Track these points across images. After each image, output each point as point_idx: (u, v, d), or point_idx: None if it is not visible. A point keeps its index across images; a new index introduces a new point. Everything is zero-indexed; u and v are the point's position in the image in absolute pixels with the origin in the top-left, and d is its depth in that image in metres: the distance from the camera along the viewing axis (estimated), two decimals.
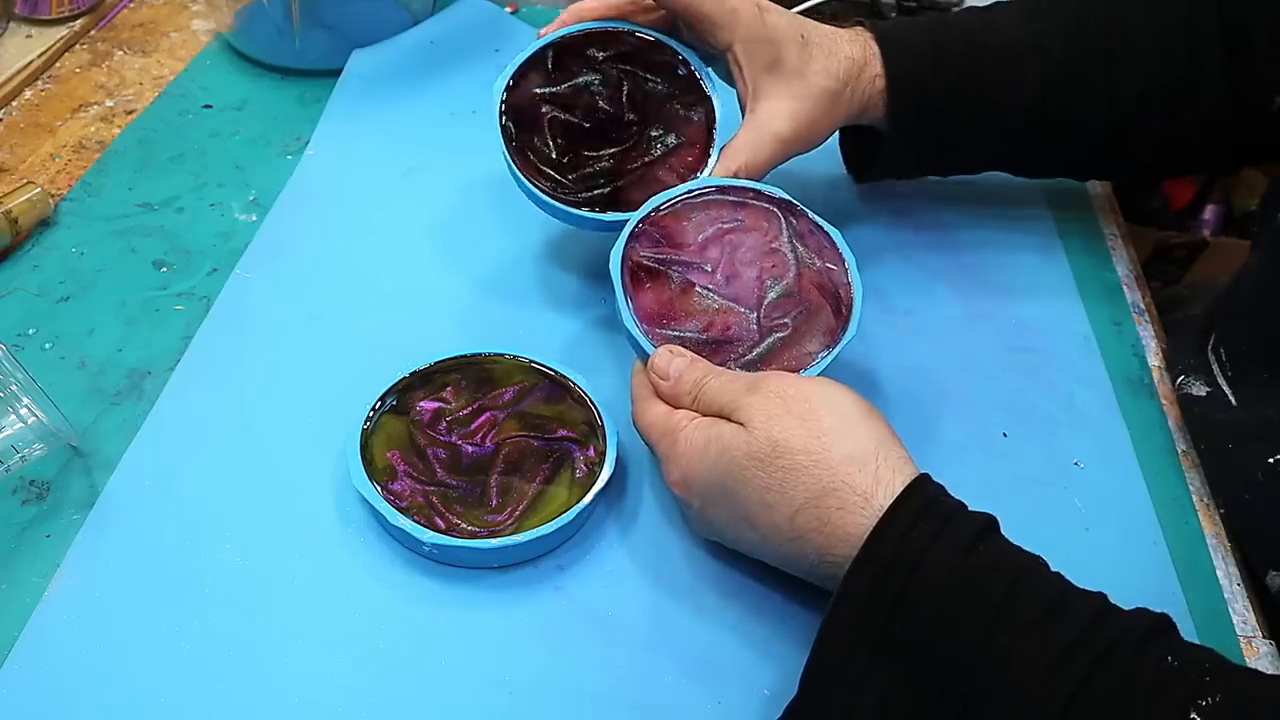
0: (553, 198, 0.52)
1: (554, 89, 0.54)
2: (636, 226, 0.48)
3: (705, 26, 0.52)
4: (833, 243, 0.50)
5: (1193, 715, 0.32)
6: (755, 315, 0.47)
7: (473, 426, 0.47)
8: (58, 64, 0.72)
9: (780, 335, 0.47)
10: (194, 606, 0.42)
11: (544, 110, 0.54)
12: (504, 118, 0.53)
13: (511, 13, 0.79)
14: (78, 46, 0.74)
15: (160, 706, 0.39)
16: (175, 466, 0.47)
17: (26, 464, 0.45)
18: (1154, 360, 0.57)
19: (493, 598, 0.43)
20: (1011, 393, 0.54)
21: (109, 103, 0.69)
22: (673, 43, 0.55)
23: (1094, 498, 0.49)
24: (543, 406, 0.48)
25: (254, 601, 0.42)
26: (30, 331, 0.53)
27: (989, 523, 0.38)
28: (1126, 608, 0.35)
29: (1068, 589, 0.36)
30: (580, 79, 0.54)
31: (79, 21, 0.74)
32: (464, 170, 0.63)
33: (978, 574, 0.36)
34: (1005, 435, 0.51)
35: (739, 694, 0.41)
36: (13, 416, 0.43)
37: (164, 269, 0.57)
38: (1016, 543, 0.38)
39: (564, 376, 0.49)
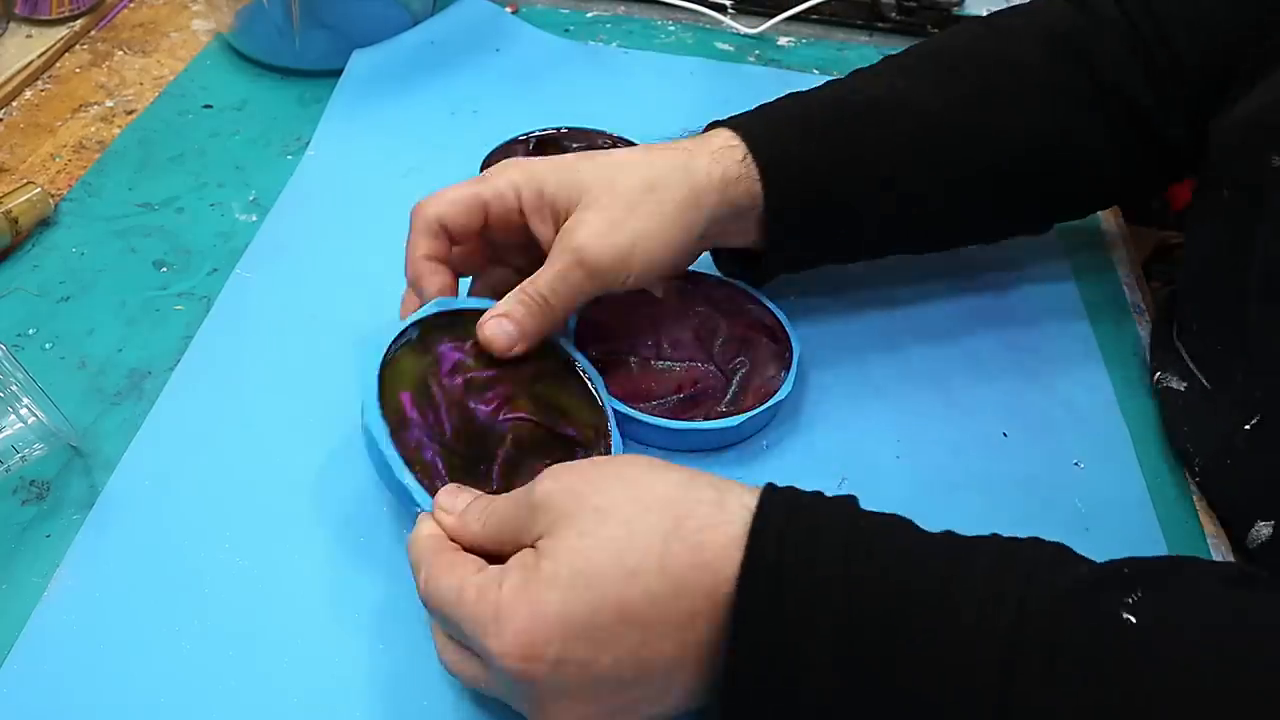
0: None
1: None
2: (574, 327, 0.51)
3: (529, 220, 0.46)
4: (738, 288, 0.54)
5: (1124, 615, 0.30)
6: (713, 365, 0.50)
7: (488, 395, 0.45)
8: (58, 64, 0.72)
9: (742, 371, 0.50)
10: (194, 606, 0.42)
11: None
12: (482, 170, 0.61)
13: (512, 13, 0.79)
14: (78, 46, 0.74)
15: (160, 706, 0.39)
16: (175, 466, 0.47)
17: (26, 464, 0.45)
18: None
19: None
20: (1011, 393, 0.54)
21: (109, 103, 0.69)
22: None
23: (1094, 498, 0.49)
24: (559, 393, 0.47)
25: (254, 601, 0.42)
26: (30, 331, 0.53)
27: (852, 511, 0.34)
28: None
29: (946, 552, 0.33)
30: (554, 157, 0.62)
31: (79, 21, 0.74)
32: (465, 170, 0.63)
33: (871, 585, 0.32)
34: (1005, 435, 0.51)
35: None
36: (13, 416, 0.43)
37: (164, 269, 0.57)
38: None
39: (583, 371, 0.48)
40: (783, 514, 0.33)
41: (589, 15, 0.82)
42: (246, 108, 0.69)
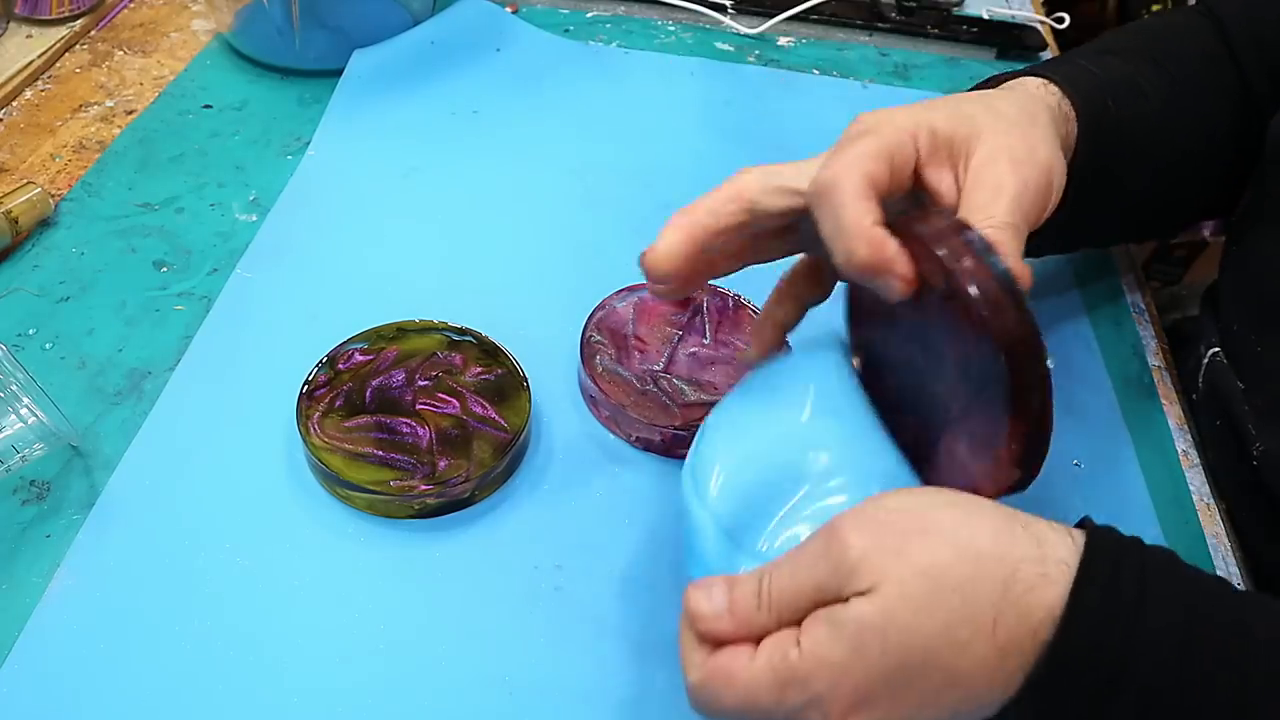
0: None
1: None
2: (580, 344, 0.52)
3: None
4: (733, 297, 0.54)
5: None
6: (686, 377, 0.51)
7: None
8: (58, 64, 0.72)
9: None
10: (194, 606, 0.42)
11: None
12: None
13: (512, 13, 0.79)
14: (78, 46, 0.74)
15: (161, 706, 0.39)
16: (175, 466, 0.47)
17: (26, 464, 0.45)
18: (1154, 360, 0.57)
19: (492, 598, 0.43)
20: None
21: (109, 103, 0.69)
22: None
23: (1094, 498, 0.49)
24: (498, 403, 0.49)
25: (254, 601, 0.42)
26: (30, 331, 0.53)
27: (1176, 563, 0.35)
28: None
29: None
30: None
31: (79, 21, 0.74)
32: (465, 170, 0.63)
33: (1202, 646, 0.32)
34: None
35: None
36: (13, 416, 0.43)
37: (164, 269, 0.57)
38: None
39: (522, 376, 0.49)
40: (1106, 572, 0.34)
41: (589, 15, 0.82)
42: (246, 108, 0.69)
